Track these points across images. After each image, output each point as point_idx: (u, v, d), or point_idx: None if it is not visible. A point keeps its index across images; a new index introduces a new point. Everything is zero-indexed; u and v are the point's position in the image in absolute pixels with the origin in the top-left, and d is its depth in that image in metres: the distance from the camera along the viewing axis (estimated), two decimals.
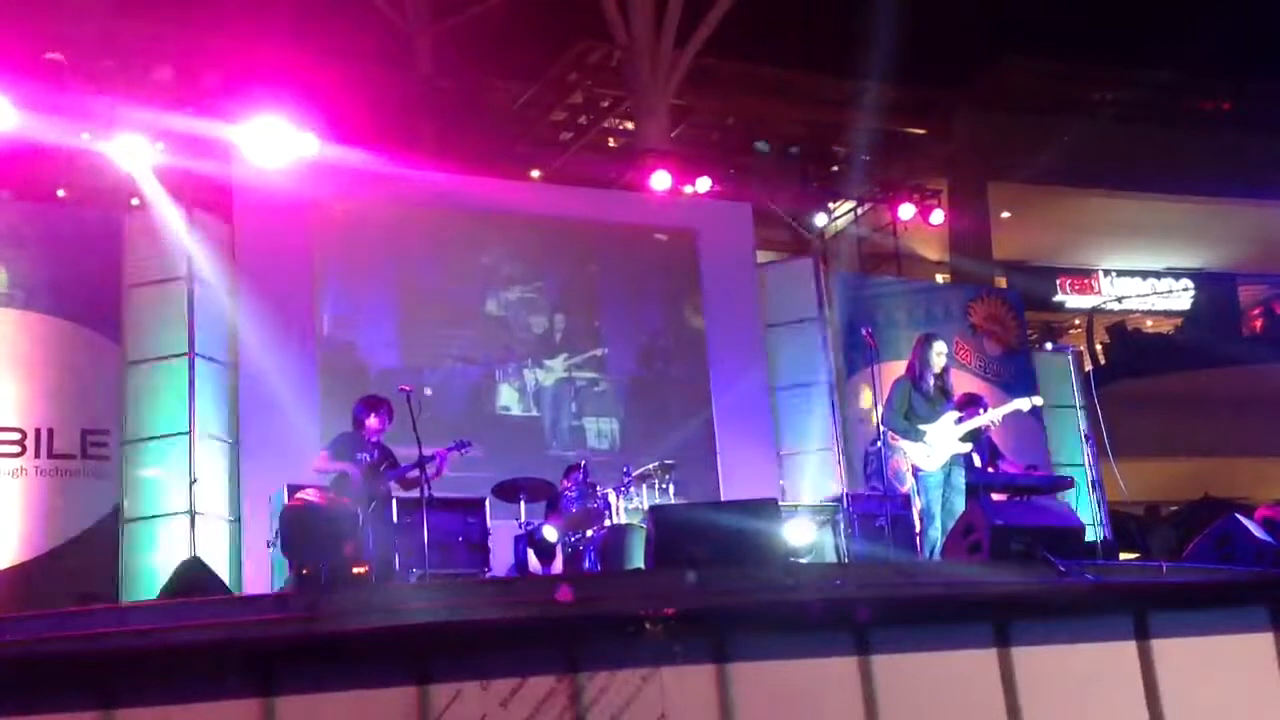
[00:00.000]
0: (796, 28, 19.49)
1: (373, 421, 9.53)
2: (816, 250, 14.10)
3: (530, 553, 9.87)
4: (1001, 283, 21.03)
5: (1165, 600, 3.22)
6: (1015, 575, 7.45)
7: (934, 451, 9.15)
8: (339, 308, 11.87)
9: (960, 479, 9.23)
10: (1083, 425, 9.71)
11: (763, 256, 14.11)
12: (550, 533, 9.65)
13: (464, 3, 18.70)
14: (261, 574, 9.90)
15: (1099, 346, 22.08)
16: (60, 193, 11.37)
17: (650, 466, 10.45)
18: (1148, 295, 25.67)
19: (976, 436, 9.70)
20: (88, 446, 10.18)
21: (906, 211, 14.56)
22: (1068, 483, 10.64)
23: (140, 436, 10.39)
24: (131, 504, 10.25)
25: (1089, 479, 9.74)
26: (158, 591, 8.47)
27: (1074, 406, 9.63)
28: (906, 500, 10.59)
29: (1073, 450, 12.24)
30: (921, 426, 9.18)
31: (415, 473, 9.05)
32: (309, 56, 16.14)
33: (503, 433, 12.52)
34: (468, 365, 12.74)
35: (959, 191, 19.75)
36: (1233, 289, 25.57)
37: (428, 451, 9.02)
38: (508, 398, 12.95)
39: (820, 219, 14.47)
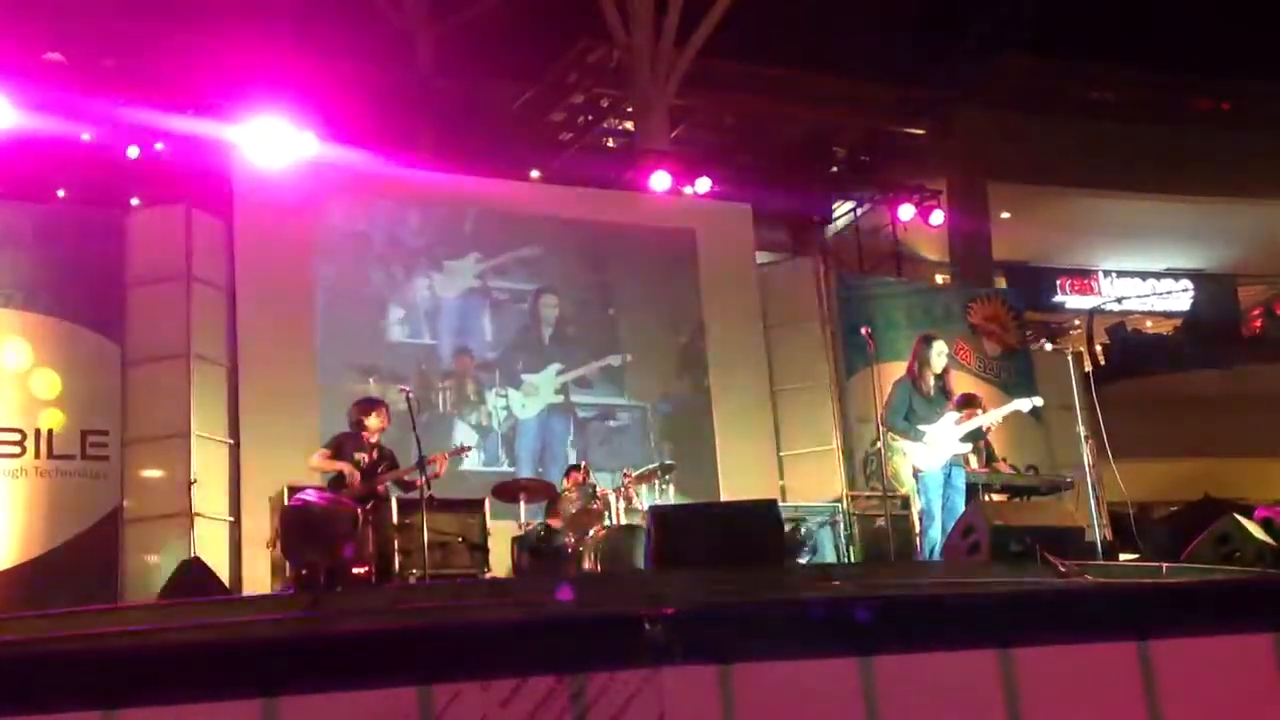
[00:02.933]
0: (796, 27, 19.48)
1: (371, 422, 9.54)
2: (816, 251, 14.09)
3: (530, 553, 9.87)
4: (1001, 283, 21.06)
5: (1165, 601, 3.22)
6: (1015, 575, 7.47)
7: (934, 452, 9.15)
8: (337, 307, 11.82)
9: (961, 479, 9.24)
10: (1082, 426, 9.71)
11: (762, 257, 14.11)
12: (548, 534, 9.64)
13: (464, 2, 18.70)
14: (261, 575, 9.90)
15: (1099, 347, 22.07)
16: (60, 193, 11.38)
17: (650, 467, 10.47)
18: (1147, 296, 25.68)
19: (977, 437, 9.71)
20: (87, 447, 10.19)
21: (906, 212, 14.57)
22: (1067, 483, 10.65)
23: (140, 437, 10.39)
24: (131, 504, 10.25)
25: (1089, 479, 9.73)
26: (158, 592, 8.49)
27: (1073, 407, 9.62)
28: (906, 501, 10.61)
29: (1073, 451, 12.24)
30: (922, 427, 9.19)
31: (414, 474, 9.07)
32: (309, 56, 16.13)
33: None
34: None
35: (958, 192, 19.73)
36: (1232, 290, 25.57)
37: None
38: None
39: (820, 220, 14.48)
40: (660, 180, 13.28)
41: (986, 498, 9.82)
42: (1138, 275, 25.77)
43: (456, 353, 11.98)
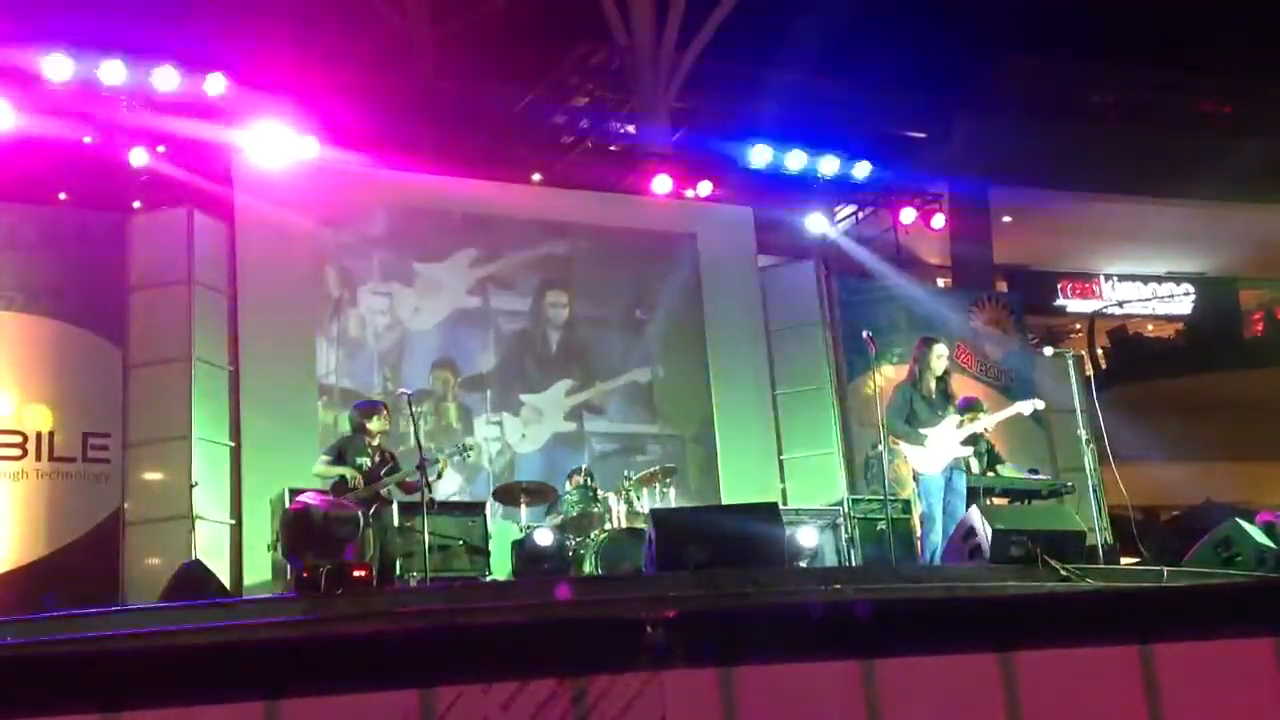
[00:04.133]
0: (797, 30, 19.49)
1: (372, 425, 9.55)
2: (818, 254, 14.08)
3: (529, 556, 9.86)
4: (1002, 287, 21.05)
5: (1166, 605, 3.22)
6: (1016, 579, 7.47)
7: (935, 455, 9.14)
8: (338, 309, 11.75)
9: (961, 483, 9.24)
10: (1083, 430, 9.70)
11: (764, 260, 14.10)
12: (544, 536, 9.61)
13: (465, 5, 18.72)
14: (261, 577, 9.90)
15: (1100, 351, 22.08)
16: (62, 195, 11.38)
17: (652, 470, 10.45)
18: (1149, 299, 25.67)
19: (977, 440, 9.70)
20: (89, 449, 10.19)
21: (908, 215, 14.56)
22: (1068, 487, 10.64)
23: (141, 440, 10.39)
24: (132, 507, 10.25)
25: (1090, 483, 9.73)
26: (158, 594, 8.49)
27: (1075, 411, 9.61)
28: (907, 504, 10.60)
29: (1074, 454, 12.23)
30: (923, 430, 9.18)
31: (415, 477, 9.07)
32: (310, 59, 16.12)
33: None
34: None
35: (960, 195, 19.73)
36: (1233, 293, 25.59)
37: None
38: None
39: (822, 222, 14.47)
40: (662, 183, 13.25)
41: (988, 501, 9.81)
42: (1139, 279, 25.76)
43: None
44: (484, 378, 10.67)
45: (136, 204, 11.23)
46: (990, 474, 10.27)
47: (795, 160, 13.89)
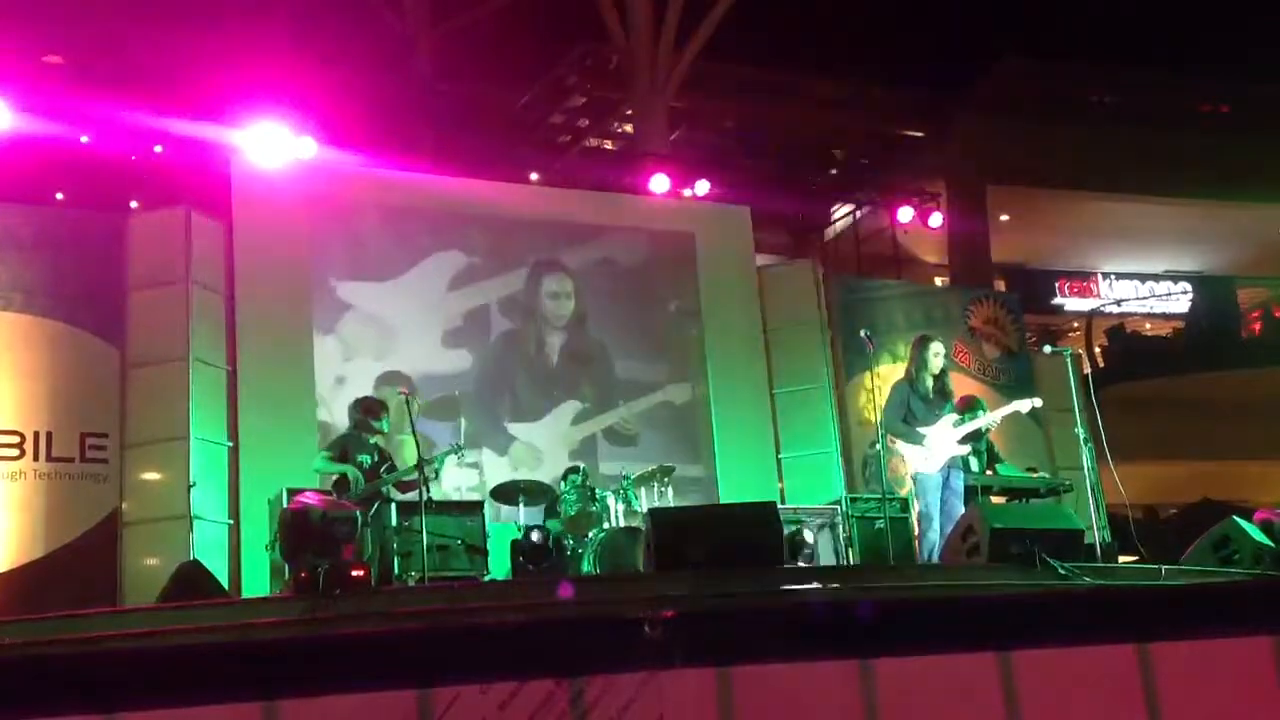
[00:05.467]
0: (795, 30, 19.50)
1: (375, 423, 9.53)
2: (816, 253, 14.08)
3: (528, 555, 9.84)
4: (1000, 286, 21.07)
5: (1164, 604, 3.22)
6: (1014, 578, 7.47)
7: (933, 454, 9.14)
8: (337, 311, 11.73)
9: (959, 481, 9.24)
10: (1081, 428, 9.70)
11: (762, 259, 14.09)
12: (542, 536, 9.58)
13: (464, 6, 18.72)
14: (259, 577, 9.89)
15: (1098, 349, 22.08)
16: (59, 195, 11.38)
17: (649, 469, 10.45)
18: (1146, 298, 25.69)
19: (976, 439, 9.70)
20: (86, 449, 10.17)
21: (905, 214, 14.57)
22: (1066, 486, 10.64)
23: (139, 440, 10.37)
24: (130, 507, 10.23)
25: (1088, 482, 9.73)
26: (157, 594, 8.48)
27: (1073, 409, 9.60)
28: (905, 503, 10.60)
29: (1072, 453, 12.23)
30: (920, 429, 9.18)
31: (414, 476, 9.04)
32: (308, 60, 16.13)
33: None
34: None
35: (958, 194, 19.74)
36: (1231, 292, 25.58)
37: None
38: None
39: (821, 221, 14.47)
40: (659, 183, 13.25)
41: (986, 500, 9.81)
42: (1137, 277, 25.78)
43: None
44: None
45: (134, 204, 11.24)
46: (989, 473, 10.27)
47: (793, 159, 13.89)
